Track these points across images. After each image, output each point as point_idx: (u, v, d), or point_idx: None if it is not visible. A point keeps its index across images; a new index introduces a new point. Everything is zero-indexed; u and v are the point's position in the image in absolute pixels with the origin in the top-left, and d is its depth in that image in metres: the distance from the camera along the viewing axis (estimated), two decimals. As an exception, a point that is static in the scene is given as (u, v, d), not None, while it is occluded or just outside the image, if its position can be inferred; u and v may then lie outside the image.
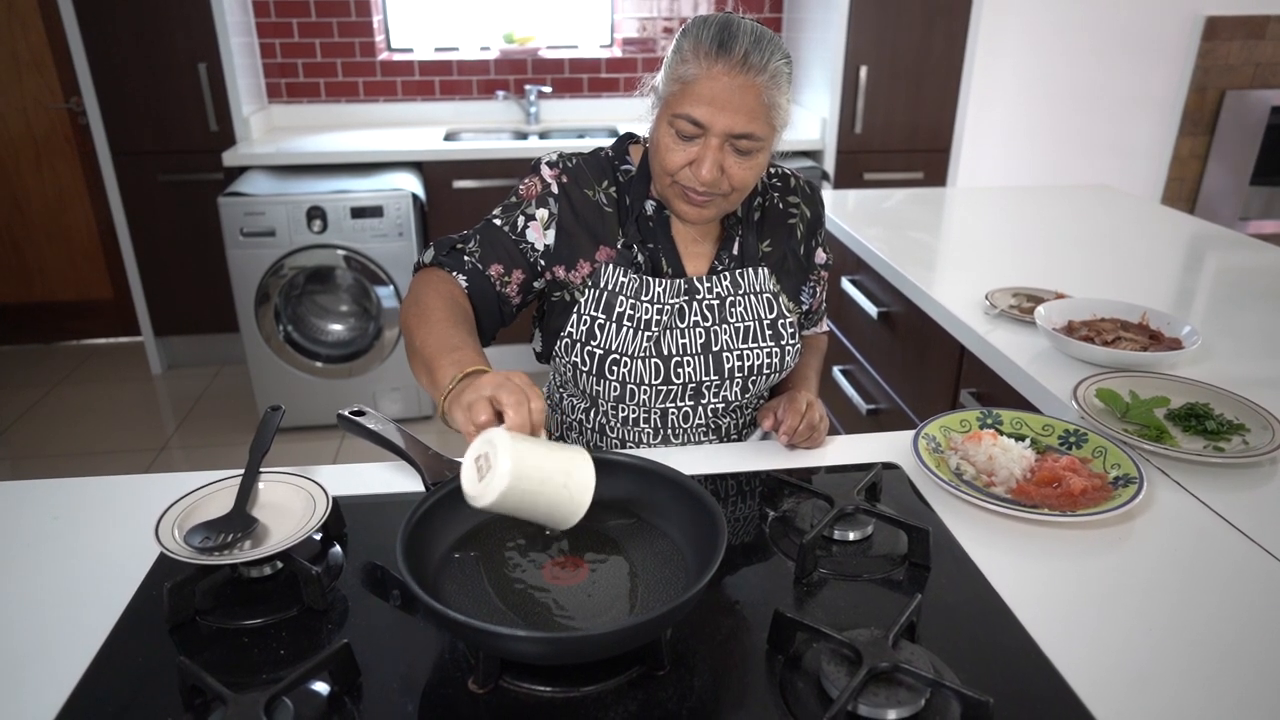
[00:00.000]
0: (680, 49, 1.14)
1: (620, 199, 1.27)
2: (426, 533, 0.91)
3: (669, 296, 1.25)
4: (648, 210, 1.27)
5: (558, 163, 1.28)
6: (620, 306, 1.24)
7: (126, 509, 1.08)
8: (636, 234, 1.26)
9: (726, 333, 1.27)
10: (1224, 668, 0.84)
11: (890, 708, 0.75)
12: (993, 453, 1.17)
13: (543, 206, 1.25)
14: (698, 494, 0.93)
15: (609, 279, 1.25)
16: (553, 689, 0.79)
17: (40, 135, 3.71)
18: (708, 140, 1.13)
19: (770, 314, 1.30)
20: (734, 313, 1.28)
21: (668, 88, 1.15)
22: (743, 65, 1.09)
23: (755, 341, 1.28)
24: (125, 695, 0.79)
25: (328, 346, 3.27)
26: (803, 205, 1.35)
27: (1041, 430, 1.24)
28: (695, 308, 1.26)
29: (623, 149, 1.31)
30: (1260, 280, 1.93)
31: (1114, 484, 1.11)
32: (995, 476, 1.14)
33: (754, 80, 1.10)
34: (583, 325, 1.25)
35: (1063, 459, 1.16)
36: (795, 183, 1.36)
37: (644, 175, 1.27)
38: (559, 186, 1.26)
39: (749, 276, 1.29)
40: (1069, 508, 1.07)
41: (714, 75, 1.10)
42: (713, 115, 1.11)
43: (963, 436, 1.23)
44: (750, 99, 1.11)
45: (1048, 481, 1.12)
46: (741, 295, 1.29)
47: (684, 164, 1.15)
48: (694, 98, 1.11)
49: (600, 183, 1.27)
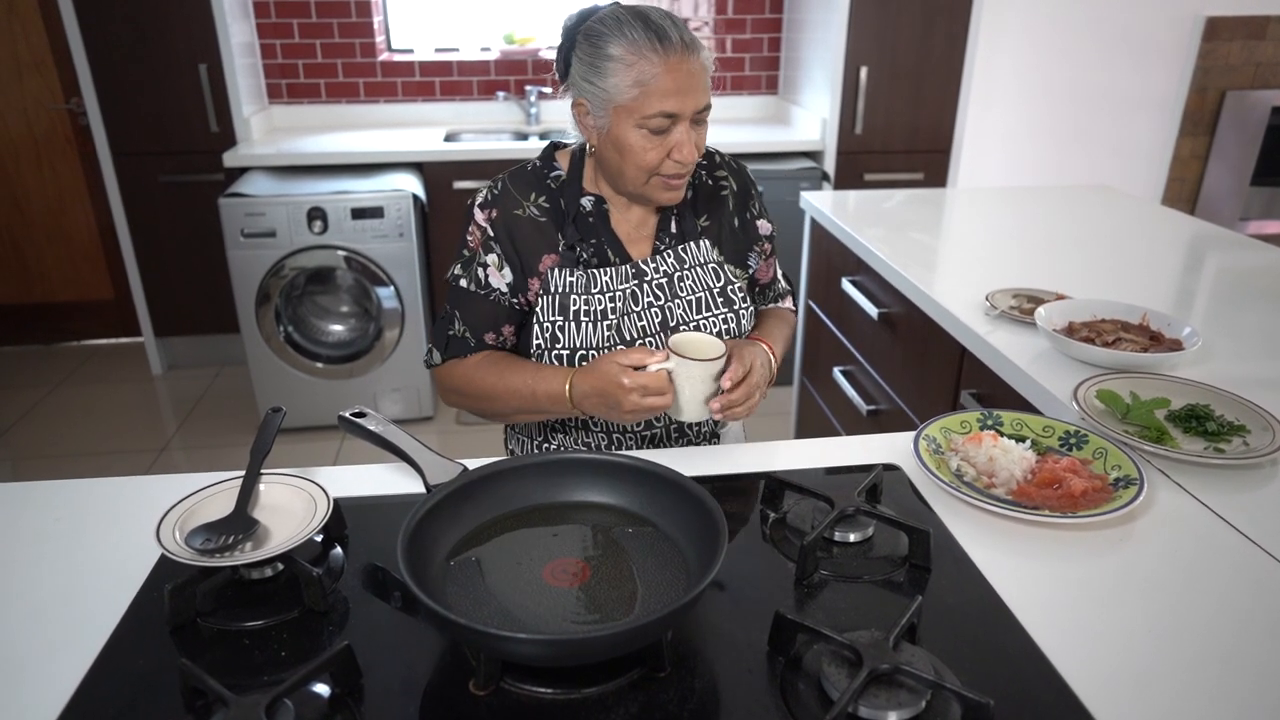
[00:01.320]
0: (612, 56, 1.16)
1: (554, 205, 1.30)
2: (427, 534, 0.91)
3: (618, 283, 1.29)
4: (586, 207, 1.31)
5: (485, 201, 1.31)
6: (574, 305, 1.28)
7: (128, 510, 1.08)
8: (575, 234, 1.30)
9: (680, 307, 1.31)
10: (1225, 669, 0.84)
11: (891, 710, 0.75)
12: (993, 454, 1.17)
13: (489, 251, 1.30)
14: (698, 495, 0.94)
15: (558, 282, 1.28)
16: (554, 691, 0.79)
17: (41, 136, 3.72)
18: (680, 126, 1.18)
19: (718, 282, 1.34)
20: (683, 287, 1.32)
21: (623, 94, 1.17)
22: (684, 47, 1.16)
23: (709, 310, 1.33)
24: (126, 697, 0.79)
25: (328, 347, 3.27)
26: (730, 178, 1.40)
27: (1042, 431, 1.24)
28: (646, 289, 1.30)
29: (549, 157, 1.34)
30: (1261, 281, 1.93)
31: (1115, 485, 1.11)
32: (996, 478, 1.14)
33: (698, 56, 1.17)
34: (545, 333, 1.29)
35: (1063, 460, 1.16)
36: (720, 158, 1.41)
37: (575, 177, 1.31)
38: (492, 226, 1.30)
39: (691, 250, 1.33)
40: (1070, 509, 1.07)
41: (670, 67, 1.15)
42: (681, 103, 1.17)
43: (963, 438, 1.23)
44: (700, 74, 1.18)
45: (1048, 483, 1.12)
46: (688, 270, 1.33)
47: (662, 157, 1.20)
48: (660, 94, 1.15)
49: (528, 196, 1.31)
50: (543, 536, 0.97)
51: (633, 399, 1.15)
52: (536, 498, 1.02)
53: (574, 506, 1.02)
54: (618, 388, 1.15)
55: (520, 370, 1.28)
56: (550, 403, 1.25)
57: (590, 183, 1.31)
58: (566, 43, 1.23)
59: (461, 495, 0.97)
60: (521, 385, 1.26)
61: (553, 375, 1.25)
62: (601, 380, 1.17)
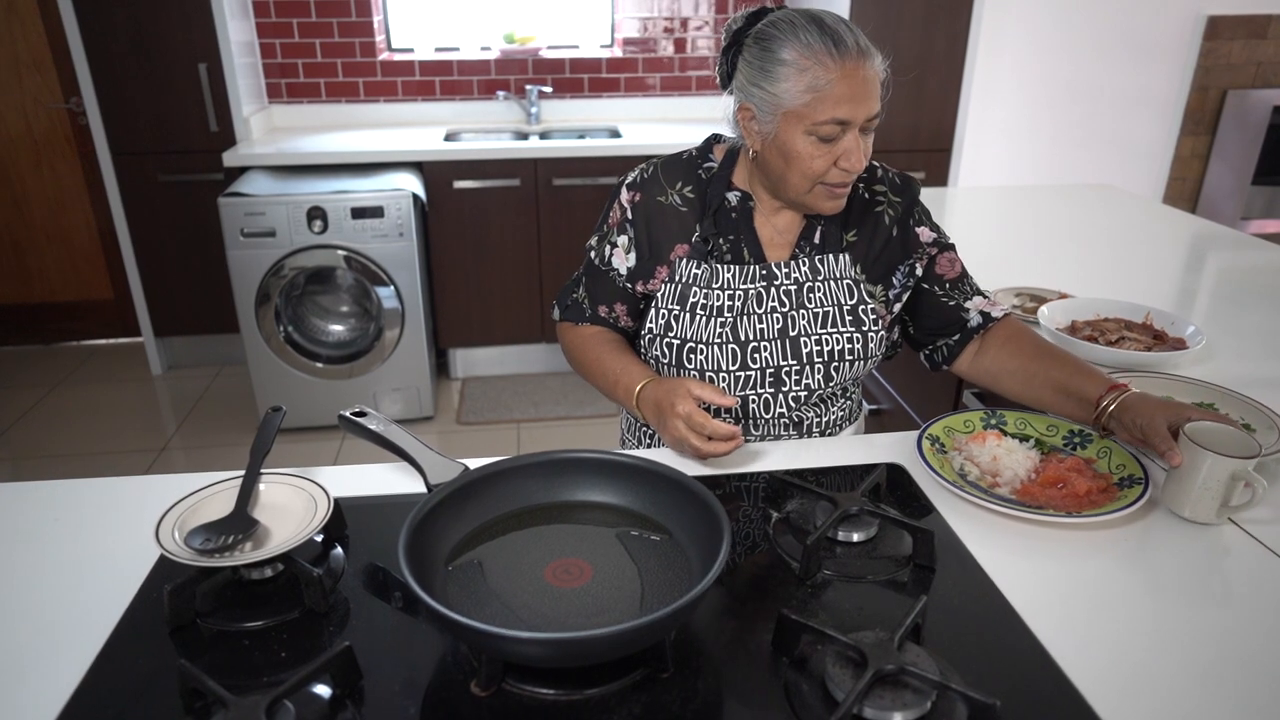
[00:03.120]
0: (784, 61, 1.12)
1: (699, 195, 1.30)
2: (429, 534, 0.91)
3: (741, 282, 1.28)
4: (731, 202, 1.29)
5: (635, 182, 1.32)
6: (694, 297, 1.28)
7: (127, 510, 1.07)
8: (713, 227, 1.28)
9: (804, 318, 1.28)
10: (1231, 670, 0.83)
11: (896, 710, 0.74)
12: (997, 453, 1.16)
13: (623, 233, 1.32)
14: (701, 495, 0.93)
15: (683, 273, 1.29)
16: (556, 692, 0.79)
17: (40, 135, 3.71)
18: (850, 134, 1.15)
19: (850, 300, 1.29)
20: (812, 298, 1.29)
21: (795, 100, 1.13)
22: (859, 53, 1.12)
23: (834, 326, 1.28)
24: (125, 698, 0.79)
25: (328, 347, 3.26)
26: (889, 193, 1.32)
27: (1046, 431, 1.24)
28: (772, 293, 1.28)
29: (707, 149, 1.33)
30: (1263, 280, 1.93)
31: (1120, 484, 1.11)
32: (1000, 477, 1.14)
33: (872, 63, 1.14)
34: (660, 320, 1.29)
35: (1067, 460, 1.15)
36: (882, 173, 1.34)
37: (726, 170, 1.30)
38: (633, 209, 1.31)
39: (829, 262, 1.29)
40: (1074, 509, 1.06)
41: (846, 73, 1.11)
42: (854, 110, 1.13)
43: (966, 437, 1.22)
44: (873, 81, 1.14)
45: (1052, 482, 1.11)
46: (821, 281, 1.29)
47: (830, 165, 1.16)
48: (833, 101, 1.12)
49: (675, 184, 1.30)
50: (544, 536, 0.97)
51: (678, 426, 1.16)
52: (538, 497, 1.01)
53: (576, 506, 1.01)
54: (671, 409, 1.17)
55: (618, 356, 1.32)
56: (625, 396, 1.28)
57: (741, 179, 1.29)
58: (733, 45, 1.20)
59: (463, 495, 0.96)
60: (610, 370, 1.31)
61: (637, 372, 1.28)
62: (668, 394, 1.19)
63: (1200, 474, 1.03)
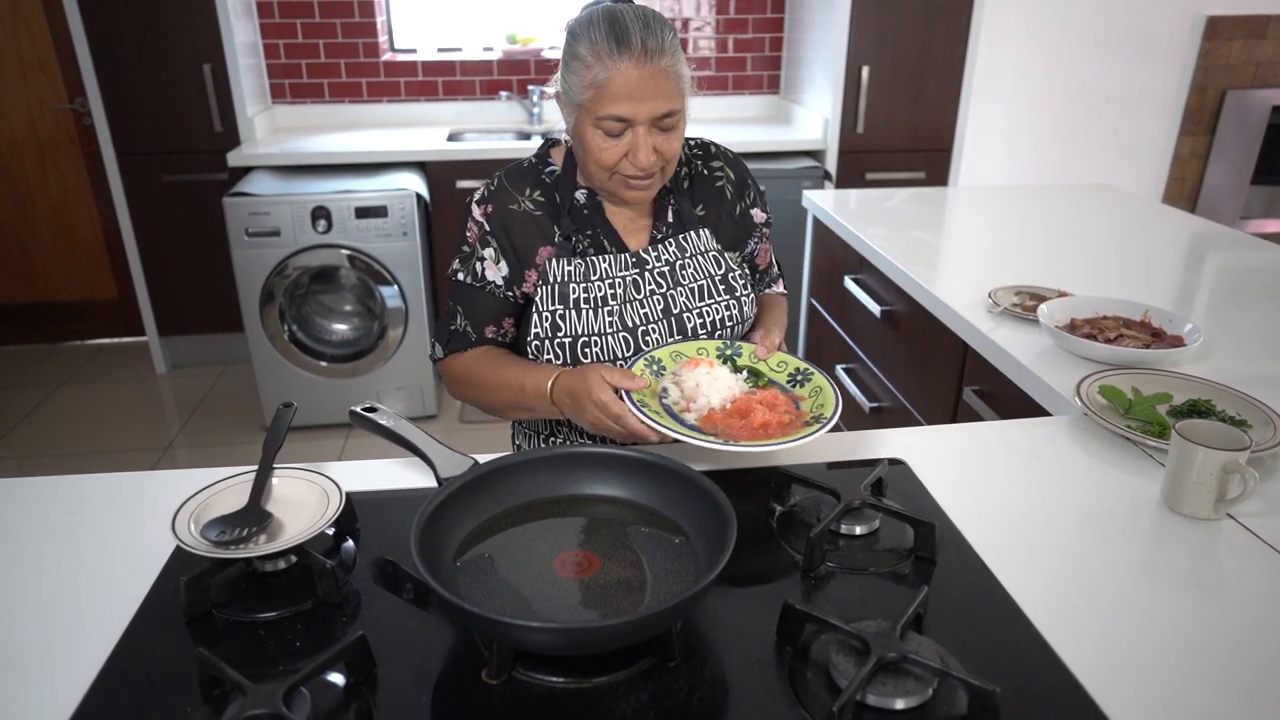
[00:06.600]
0: (579, 55, 1.18)
1: (549, 199, 1.33)
2: (439, 527, 0.92)
3: (618, 271, 1.31)
4: (580, 200, 1.33)
5: (482, 198, 1.34)
6: (574, 293, 1.30)
7: (141, 505, 1.09)
8: (571, 225, 1.32)
9: (682, 294, 1.33)
10: (1229, 659, 0.85)
11: (898, 697, 0.76)
12: (700, 380, 1.18)
13: (487, 246, 1.33)
14: (707, 489, 0.95)
15: (555, 273, 1.30)
16: (565, 680, 0.80)
17: (45, 135, 3.73)
18: (635, 130, 1.19)
19: (719, 270, 1.35)
20: (685, 275, 1.34)
21: (581, 94, 1.19)
22: (644, 54, 1.15)
23: (711, 298, 1.34)
24: (144, 687, 0.80)
25: (332, 346, 3.28)
26: (726, 168, 1.41)
27: (775, 367, 1.27)
28: (648, 277, 1.32)
29: (544, 154, 1.37)
30: (1261, 279, 1.94)
31: (808, 424, 1.12)
32: (695, 403, 1.16)
33: (659, 64, 1.16)
34: (544, 322, 1.30)
35: (761, 393, 1.17)
36: (716, 149, 1.43)
37: (569, 171, 1.33)
38: (489, 221, 1.32)
39: (692, 239, 1.35)
40: (747, 439, 1.08)
41: (623, 71, 1.15)
42: (634, 108, 1.17)
43: (686, 360, 1.25)
44: (661, 81, 1.17)
45: (740, 413, 1.13)
46: (689, 258, 1.34)
47: (619, 157, 1.21)
48: (611, 98, 1.16)
49: (524, 191, 1.33)
50: (553, 529, 0.98)
51: (595, 413, 1.17)
52: (547, 491, 1.03)
53: (584, 499, 1.03)
54: (587, 395, 1.17)
55: (514, 365, 1.32)
56: (535, 397, 1.27)
57: (583, 177, 1.33)
58: None
59: (473, 488, 0.98)
60: (513, 379, 1.29)
61: (542, 371, 1.27)
62: (582, 382, 1.19)
63: (1194, 469, 1.05)
